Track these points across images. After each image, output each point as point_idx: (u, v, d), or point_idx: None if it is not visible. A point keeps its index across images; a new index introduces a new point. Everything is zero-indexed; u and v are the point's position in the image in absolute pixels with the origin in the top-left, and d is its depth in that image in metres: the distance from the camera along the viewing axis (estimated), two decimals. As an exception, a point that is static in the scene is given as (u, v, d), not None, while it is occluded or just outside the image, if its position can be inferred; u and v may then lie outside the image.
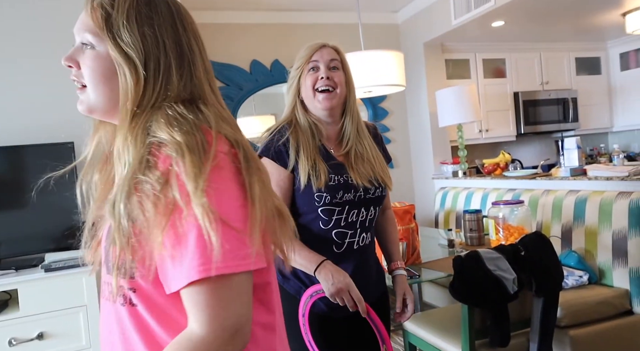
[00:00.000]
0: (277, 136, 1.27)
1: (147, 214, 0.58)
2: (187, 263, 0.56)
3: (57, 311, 2.22)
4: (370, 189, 1.29)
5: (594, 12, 3.62)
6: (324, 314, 1.30)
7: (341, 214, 1.24)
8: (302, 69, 1.28)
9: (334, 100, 1.27)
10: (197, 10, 3.59)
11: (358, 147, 1.31)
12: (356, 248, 1.28)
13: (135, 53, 0.66)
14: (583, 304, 2.18)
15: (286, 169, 1.25)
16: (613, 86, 4.77)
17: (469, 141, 4.06)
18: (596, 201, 2.40)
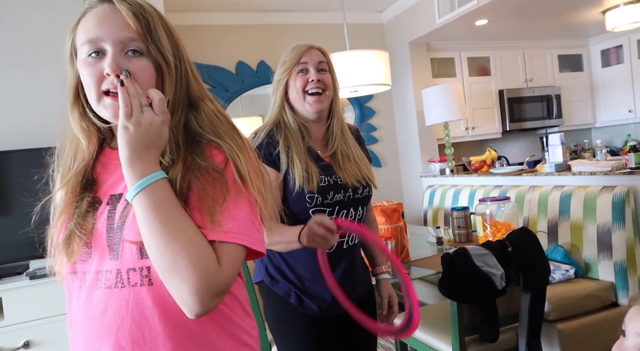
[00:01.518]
0: (267, 139, 1.26)
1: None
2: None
3: (43, 319, 2.18)
4: (359, 189, 1.31)
5: (575, 10, 3.68)
6: (315, 315, 1.30)
7: (332, 214, 1.26)
8: (291, 71, 1.28)
9: (324, 102, 1.28)
10: (181, 12, 3.56)
11: (343, 147, 1.32)
12: (345, 248, 1.30)
13: (173, 59, 0.75)
14: (570, 298, 2.21)
15: (278, 172, 1.24)
16: (595, 82, 4.85)
17: (455, 139, 4.09)
18: (580, 196, 2.44)
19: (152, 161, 0.68)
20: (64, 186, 0.79)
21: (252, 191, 0.73)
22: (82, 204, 0.76)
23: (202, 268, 0.64)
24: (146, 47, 0.72)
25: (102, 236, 0.74)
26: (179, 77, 0.76)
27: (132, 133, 0.67)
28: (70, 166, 0.80)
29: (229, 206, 0.69)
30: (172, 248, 0.64)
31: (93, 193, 0.78)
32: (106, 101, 0.72)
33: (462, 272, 1.61)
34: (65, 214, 0.77)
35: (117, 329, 0.71)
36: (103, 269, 0.73)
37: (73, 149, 0.81)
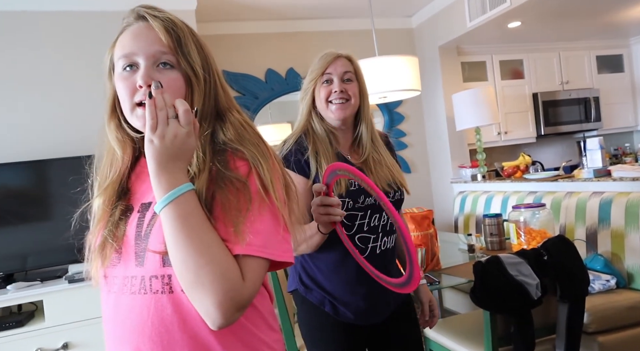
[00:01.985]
0: (296, 147, 1.28)
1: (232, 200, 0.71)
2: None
3: (82, 321, 2.26)
4: (390, 193, 1.30)
5: (614, 9, 3.54)
6: (350, 323, 1.29)
7: (364, 219, 1.25)
8: (316, 81, 1.31)
9: (347, 110, 1.29)
10: (212, 22, 3.65)
11: (374, 154, 1.33)
12: (379, 253, 1.28)
13: (202, 72, 0.78)
14: (611, 309, 2.11)
15: (307, 178, 1.26)
16: (637, 83, 4.65)
17: (487, 144, 4.00)
18: (622, 203, 2.33)
19: (178, 172, 0.69)
20: (101, 195, 0.82)
21: (274, 201, 0.73)
22: (116, 211, 0.80)
23: (226, 283, 0.65)
24: (176, 60, 0.76)
25: (130, 243, 0.77)
26: (208, 89, 0.79)
27: (157, 146, 0.68)
28: (107, 175, 0.84)
29: (252, 218, 0.69)
30: (197, 262, 0.65)
31: (126, 201, 0.81)
32: (138, 112, 0.75)
33: (495, 281, 1.57)
34: (102, 221, 0.81)
35: (139, 334, 0.72)
36: (129, 275, 0.76)
37: (109, 160, 0.85)
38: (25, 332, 2.19)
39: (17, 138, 2.69)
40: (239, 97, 3.72)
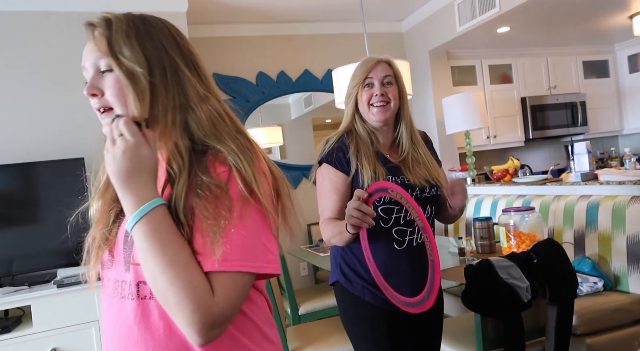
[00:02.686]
0: (338, 144, 1.38)
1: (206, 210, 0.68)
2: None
3: (70, 326, 2.23)
4: (426, 188, 1.38)
5: (600, 16, 3.61)
6: (391, 310, 1.33)
7: (400, 212, 1.32)
8: (359, 87, 1.41)
9: (387, 113, 1.39)
10: (203, 25, 3.64)
11: (413, 153, 1.42)
12: (415, 245, 1.34)
13: (138, 66, 0.72)
14: (599, 311, 2.14)
15: (346, 175, 1.35)
16: (622, 88, 4.73)
17: (476, 148, 4.04)
18: (609, 206, 2.37)
19: (143, 188, 0.68)
20: (99, 198, 0.83)
21: (261, 200, 0.70)
22: (111, 214, 0.80)
23: (193, 303, 0.63)
24: (114, 63, 0.73)
25: (120, 247, 0.77)
26: (163, 82, 0.74)
27: (112, 168, 0.68)
28: (101, 179, 0.84)
29: (230, 228, 0.67)
30: (163, 280, 0.65)
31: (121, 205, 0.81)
32: (101, 119, 0.77)
33: (486, 284, 1.58)
34: (99, 224, 0.81)
35: (127, 339, 0.73)
36: (120, 279, 0.76)
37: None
38: (13, 338, 2.15)
39: (2, 140, 2.65)
40: (230, 100, 3.71)
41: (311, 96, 3.93)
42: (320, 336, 2.11)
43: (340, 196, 1.35)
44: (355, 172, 1.34)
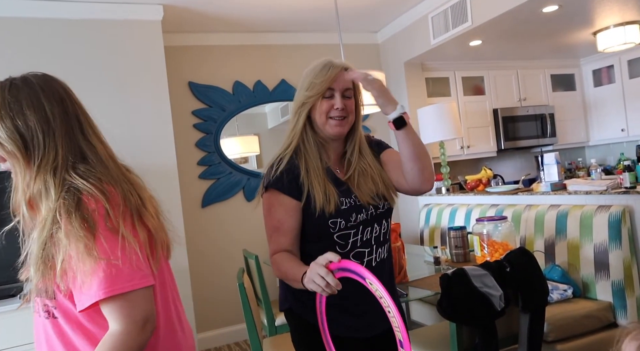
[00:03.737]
0: (288, 166, 1.26)
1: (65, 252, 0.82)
2: (95, 287, 0.82)
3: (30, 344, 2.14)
4: (379, 205, 1.30)
5: (566, 32, 3.75)
6: (344, 336, 1.26)
7: (357, 235, 1.26)
8: (319, 96, 1.27)
9: (345, 127, 1.29)
10: (178, 33, 3.61)
11: (360, 165, 1.33)
12: (375, 265, 1.28)
13: (10, 143, 0.86)
14: (569, 318, 2.19)
15: (299, 201, 1.24)
16: (587, 101, 4.92)
17: (451, 158, 4.12)
18: (577, 215, 2.44)
19: None
20: None
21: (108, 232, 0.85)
22: None
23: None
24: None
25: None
26: (35, 148, 0.88)
27: None
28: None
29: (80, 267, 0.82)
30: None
31: None
32: None
33: (461, 293, 1.60)
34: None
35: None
36: (37, 297, 0.90)
37: None
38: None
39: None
40: (206, 109, 3.67)
41: (288, 106, 3.93)
42: (297, 347, 2.08)
43: (294, 224, 1.24)
44: (307, 195, 1.24)
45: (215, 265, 3.63)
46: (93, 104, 3.15)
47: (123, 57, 2.97)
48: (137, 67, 3.00)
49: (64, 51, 2.82)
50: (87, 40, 2.88)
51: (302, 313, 1.28)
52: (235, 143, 3.78)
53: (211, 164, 3.68)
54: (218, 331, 3.62)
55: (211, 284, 3.59)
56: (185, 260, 3.05)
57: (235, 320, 3.65)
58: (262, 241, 3.79)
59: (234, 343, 3.62)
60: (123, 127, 2.95)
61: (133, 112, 2.97)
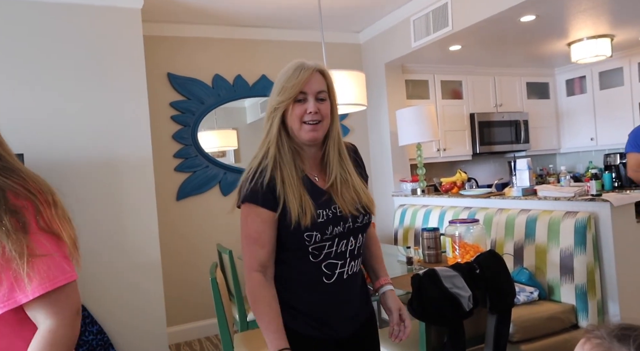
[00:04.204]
0: (261, 180, 1.21)
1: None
2: (35, 283, 0.83)
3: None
4: (358, 217, 1.26)
5: (542, 41, 3.86)
6: (314, 337, 1.24)
7: (331, 247, 1.23)
8: (291, 100, 1.23)
9: (319, 132, 1.24)
10: (159, 23, 3.54)
11: (342, 173, 1.28)
12: (346, 278, 1.26)
13: None
14: (534, 319, 2.26)
15: (274, 212, 1.20)
16: (560, 110, 5.07)
17: (427, 160, 4.18)
18: (545, 220, 2.52)
19: None
20: None
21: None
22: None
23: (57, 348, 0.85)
24: None
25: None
26: None
27: None
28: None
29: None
30: None
31: None
32: None
33: (431, 293, 1.64)
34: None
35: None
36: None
37: None
38: None
39: None
40: (184, 101, 3.62)
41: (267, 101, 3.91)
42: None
43: (272, 235, 1.21)
44: (283, 207, 1.20)
45: (188, 259, 3.59)
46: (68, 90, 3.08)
47: (100, 44, 2.90)
48: (115, 55, 2.93)
49: (39, 34, 2.74)
50: (64, 25, 2.80)
51: (288, 321, 1.23)
52: (213, 137, 3.75)
53: (188, 157, 3.63)
54: (189, 326, 3.58)
55: (183, 278, 3.56)
56: (158, 253, 3.01)
57: (206, 314, 3.62)
58: (236, 236, 3.76)
59: (204, 337, 3.59)
60: (98, 115, 2.88)
61: (109, 101, 2.91)
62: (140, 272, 2.95)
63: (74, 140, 2.81)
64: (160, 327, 2.97)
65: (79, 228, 0.89)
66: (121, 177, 2.93)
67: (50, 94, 2.77)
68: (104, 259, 2.86)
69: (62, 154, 2.78)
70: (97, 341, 2.75)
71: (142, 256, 2.96)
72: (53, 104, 2.77)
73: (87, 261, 2.82)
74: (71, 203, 2.83)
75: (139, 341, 2.91)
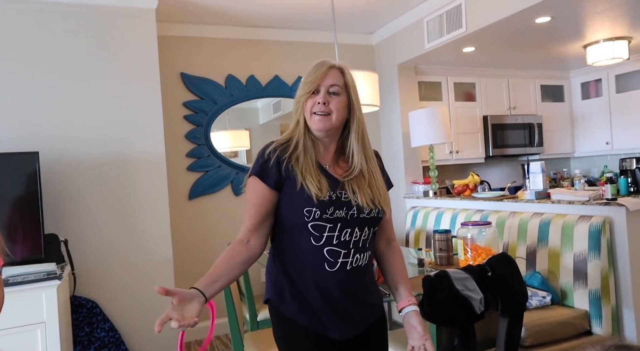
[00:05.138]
0: (270, 155, 1.28)
1: None
2: None
3: (13, 328, 2.12)
4: (365, 209, 1.27)
5: (558, 43, 3.81)
6: (324, 335, 1.26)
7: (333, 231, 1.24)
8: (310, 93, 1.30)
9: (327, 123, 1.27)
10: (173, 23, 3.58)
11: (363, 167, 1.32)
12: (349, 269, 1.25)
13: None
14: (546, 324, 2.24)
15: (270, 187, 1.26)
16: (575, 113, 5.00)
17: (439, 162, 4.16)
18: (559, 224, 2.49)
19: None
20: None
21: None
22: None
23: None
24: None
25: None
26: None
27: None
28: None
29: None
30: None
31: None
32: None
33: (442, 295, 1.63)
34: None
35: None
36: None
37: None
38: (-52, 339, 2.02)
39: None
40: (197, 101, 3.65)
41: (280, 102, 3.93)
42: (278, 343, 2.09)
43: (261, 211, 1.27)
44: (291, 180, 1.26)
45: (199, 258, 3.62)
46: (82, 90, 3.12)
47: (115, 44, 2.94)
48: (129, 55, 2.97)
49: (54, 35, 2.78)
50: (78, 25, 2.85)
51: (279, 306, 1.28)
52: (226, 137, 3.77)
53: (200, 156, 3.66)
54: (200, 325, 3.60)
55: (195, 276, 3.58)
56: (170, 251, 3.04)
57: (217, 313, 3.63)
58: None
59: (215, 336, 3.61)
60: (112, 115, 2.92)
61: (123, 100, 2.95)
62: (152, 270, 2.98)
63: (88, 139, 2.86)
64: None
65: (93, 226, 0.91)
66: (134, 176, 2.96)
67: (65, 93, 2.81)
68: (116, 257, 2.90)
69: (76, 153, 2.82)
70: (109, 338, 2.78)
71: (154, 254, 2.99)
72: (68, 103, 2.82)
73: (100, 259, 2.86)
74: (85, 202, 2.87)
75: (150, 339, 2.94)
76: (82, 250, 2.80)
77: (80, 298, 2.75)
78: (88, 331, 2.72)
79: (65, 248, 2.68)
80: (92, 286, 2.82)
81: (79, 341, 2.67)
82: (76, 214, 2.80)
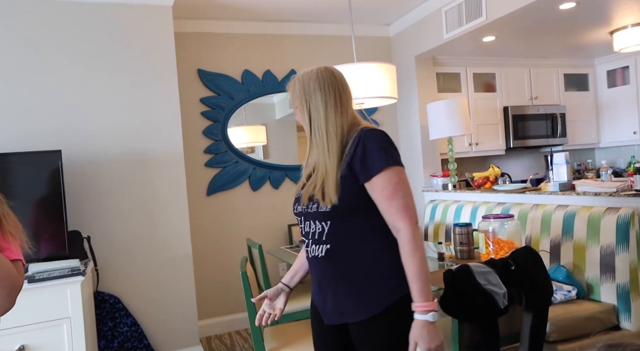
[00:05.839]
0: None
1: None
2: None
3: (40, 323, 2.16)
4: (308, 205, 1.30)
5: (582, 30, 3.69)
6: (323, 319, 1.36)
7: (301, 223, 1.37)
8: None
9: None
10: (189, 19, 3.59)
11: (318, 161, 1.30)
12: (311, 257, 1.34)
13: None
14: (571, 319, 2.18)
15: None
16: (600, 102, 4.85)
17: (459, 154, 4.09)
18: (584, 216, 2.42)
19: None
20: None
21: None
22: None
23: (11, 280, 0.99)
24: None
25: None
26: None
27: None
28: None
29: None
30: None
31: None
32: None
33: (464, 289, 1.59)
34: None
35: None
36: None
37: None
38: (-22, 333, 2.08)
39: (-23, 129, 2.56)
40: (214, 97, 3.67)
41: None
42: (298, 337, 2.09)
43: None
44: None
45: (218, 253, 3.65)
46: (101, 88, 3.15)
47: (132, 41, 2.96)
48: (147, 52, 2.99)
49: (73, 34, 2.82)
50: (95, 23, 2.88)
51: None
52: (243, 132, 3.78)
53: (218, 152, 3.68)
54: (220, 319, 3.64)
55: (214, 272, 3.61)
56: (189, 247, 3.07)
57: (237, 308, 3.67)
58: (265, 230, 3.80)
59: (235, 331, 3.64)
60: (130, 112, 2.95)
61: (141, 98, 2.97)
62: (172, 266, 3.01)
63: (107, 137, 2.89)
64: (192, 320, 3.03)
65: (114, 222, 0.95)
66: (153, 173, 2.99)
67: (85, 92, 2.85)
68: (137, 253, 2.94)
69: (97, 150, 2.87)
70: (132, 332, 2.83)
71: (174, 250, 3.02)
72: (88, 102, 2.86)
73: (122, 255, 2.90)
74: (106, 199, 2.91)
75: (172, 333, 2.97)
76: (104, 246, 2.84)
77: (104, 294, 2.80)
78: (111, 326, 2.77)
79: (88, 245, 2.73)
80: (115, 282, 2.87)
81: (103, 336, 2.72)
82: (98, 211, 2.85)
